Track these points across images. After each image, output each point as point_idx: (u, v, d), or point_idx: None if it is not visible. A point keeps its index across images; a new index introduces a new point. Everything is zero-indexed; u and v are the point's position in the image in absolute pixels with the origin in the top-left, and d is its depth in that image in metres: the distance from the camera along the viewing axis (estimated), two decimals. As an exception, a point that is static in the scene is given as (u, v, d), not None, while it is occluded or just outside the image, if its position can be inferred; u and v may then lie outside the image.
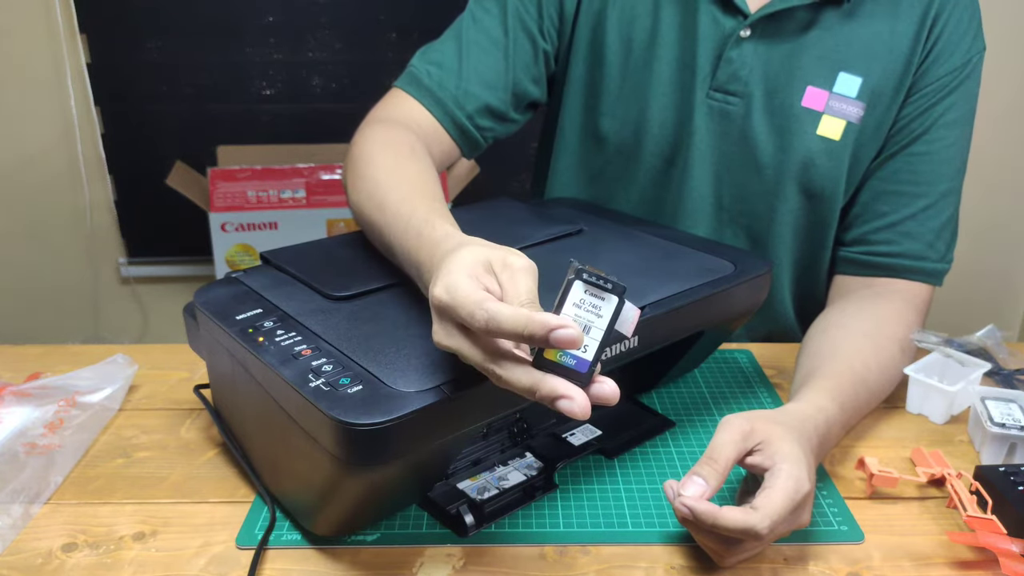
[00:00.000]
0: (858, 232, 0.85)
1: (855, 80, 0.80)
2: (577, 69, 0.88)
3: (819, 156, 0.82)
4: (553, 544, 0.57)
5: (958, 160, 0.82)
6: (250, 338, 0.55)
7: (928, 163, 0.81)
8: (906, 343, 0.75)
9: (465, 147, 0.85)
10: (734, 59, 0.81)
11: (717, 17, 0.81)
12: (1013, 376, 0.80)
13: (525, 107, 0.89)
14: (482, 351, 0.44)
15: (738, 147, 0.84)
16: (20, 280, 2.07)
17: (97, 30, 1.84)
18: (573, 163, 0.93)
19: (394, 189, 0.65)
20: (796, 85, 0.81)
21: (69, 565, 0.55)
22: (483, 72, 0.83)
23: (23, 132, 1.92)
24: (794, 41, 0.80)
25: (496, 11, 0.85)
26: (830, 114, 0.81)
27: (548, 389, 0.42)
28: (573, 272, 0.43)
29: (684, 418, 0.72)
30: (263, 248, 1.24)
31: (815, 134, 0.81)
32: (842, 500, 0.62)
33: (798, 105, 0.81)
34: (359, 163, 0.71)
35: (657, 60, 0.84)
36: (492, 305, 0.42)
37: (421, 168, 0.70)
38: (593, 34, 0.86)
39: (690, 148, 0.85)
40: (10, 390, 0.72)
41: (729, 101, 0.82)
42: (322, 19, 1.87)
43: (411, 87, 0.82)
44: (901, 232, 0.82)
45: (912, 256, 0.81)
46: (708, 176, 0.86)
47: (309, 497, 0.55)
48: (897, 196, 0.82)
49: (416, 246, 0.55)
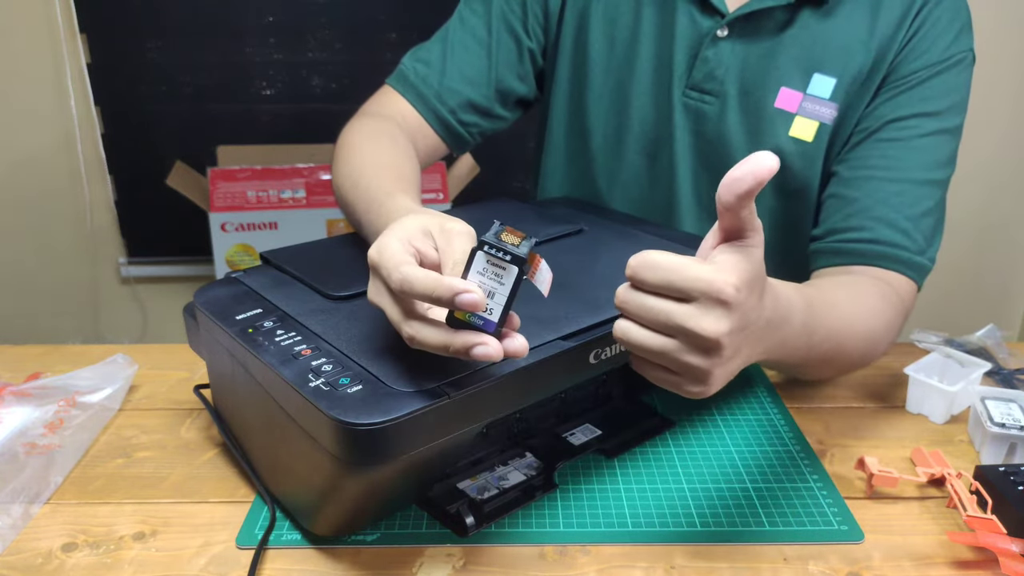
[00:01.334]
0: (830, 223, 0.80)
1: (829, 81, 0.79)
2: (563, 67, 0.89)
3: (792, 157, 0.81)
4: (553, 544, 0.57)
5: (936, 154, 0.77)
6: (250, 338, 0.55)
7: (899, 149, 0.77)
8: (887, 316, 0.70)
9: (450, 141, 0.88)
10: (710, 58, 0.81)
11: (695, 16, 0.81)
12: (1013, 376, 0.80)
13: (514, 104, 0.91)
14: (400, 310, 0.47)
15: (714, 146, 0.84)
16: (20, 280, 2.07)
17: (97, 30, 1.84)
18: (562, 161, 0.94)
19: (368, 171, 0.71)
20: (770, 86, 0.80)
21: (69, 565, 0.55)
22: (465, 69, 0.86)
23: (23, 132, 1.92)
24: (771, 41, 0.80)
25: (482, 11, 0.88)
26: (803, 115, 0.80)
27: (461, 342, 0.45)
28: (476, 242, 0.46)
29: (684, 418, 0.73)
30: (263, 248, 1.25)
31: (787, 135, 0.80)
32: (842, 500, 0.62)
33: (771, 106, 0.80)
34: (343, 151, 0.77)
35: (638, 58, 0.85)
36: (408, 268, 0.45)
37: (397, 153, 0.76)
38: (578, 32, 0.87)
39: (671, 146, 0.85)
40: (10, 390, 0.72)
41: (705, 100, 0.82)
42: (322, 19, 1.87)
43: (398, 84, 0.86)
44: (873, 217, 0.76)
45: (887, 243, 0.75)
46: (688, 174, 0.86)
47: (309, 497, 0.55)
48: (867, 180, 0.77)
49: (376, 219, 0.62)
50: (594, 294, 0.60)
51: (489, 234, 0.45)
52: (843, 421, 0.74)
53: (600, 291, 0.61)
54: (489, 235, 0.45)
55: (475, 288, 0.44)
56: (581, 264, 0.67)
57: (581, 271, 0.65)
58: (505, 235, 0.45)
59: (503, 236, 0.45)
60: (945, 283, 0.80)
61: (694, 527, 0.59)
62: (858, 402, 0.77)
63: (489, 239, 0.45)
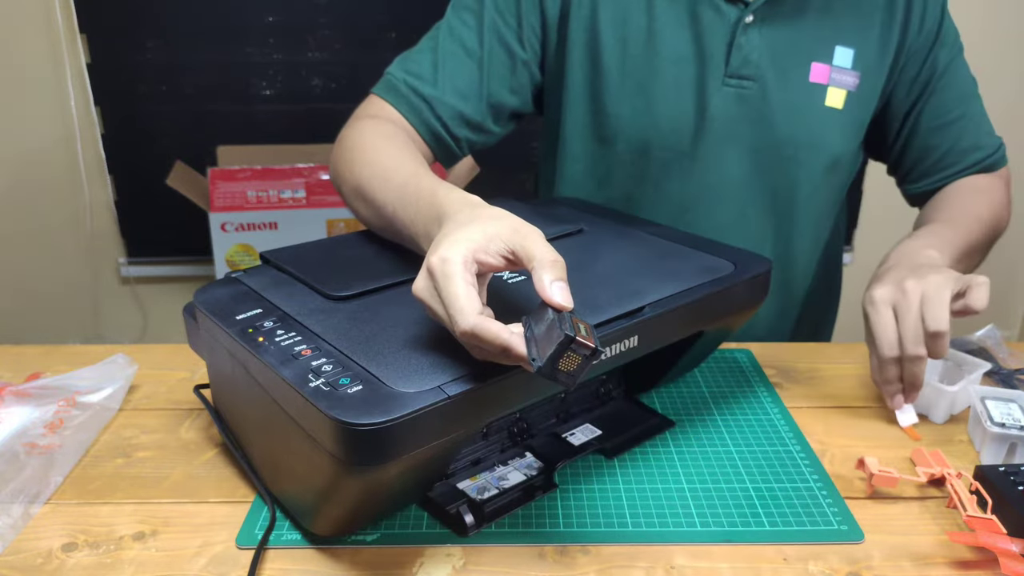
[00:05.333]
0: (921, 170, 0.93)
1: (848, 52, 0.86)
2: (575, 75, 0.88)
3: (829, 126, 0.87)
4: (553, 544, 0.57)
5: (969, 73, 0.91)
6: (250, 338, 0.55)
7: (952, 91, 0.89)
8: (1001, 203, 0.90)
9: (440, 153, 0.86)
10: (743, 45, 0.84)
11: (720, 7, 0.84)
12: (1013, 376, 0.80)
13: (507, 118, 0.90)
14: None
15: (756, 127, 0.87)
16: (20, 280, 2.08)
17: (97, 30, 1.84)
18: (581, 169, 0.93)
19: (399, 168, 0.68)
20: (802, 62, 0.86)
21: (69, 565, 0.55)
22: (457, 82, 0.84)
23: (23, 132, 1.92)
24: (793, 21, 0.85)
25: (472, 22, 0.85)
26: (833, 85, 0.86)
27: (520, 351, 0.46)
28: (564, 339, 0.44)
29: (684, 418, 0.73)
30: (263, 248, 1.25)
31: (824, 105, 0.86)
32: (842, 500, 0.62)
33: (807, 80, 0.86)
34: (357, 151, 0.74)
35: (658, 57, 0.84)
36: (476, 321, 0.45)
37: (417, 153, 0.75)
38: (588, 37, 0.86)
39: (708, 137, 0.87)
40: (10, 390, 0.72)
41: (744, 85, 0.85)
42: (322, 19, 1.87)
43: (388, 94, 0.84)
44: (960, 151, 0.90)
45: (977, 164, 0.90)
46: (736, 160, 0.88)
47: (309, 497, 0.55)
48: (942, 129, 0.90)
49: (422, 210, 0.59)
50: (593, 294, 0.60)
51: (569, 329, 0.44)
52: (843, 421, 0.74)
53: (600, 291, 0.61)
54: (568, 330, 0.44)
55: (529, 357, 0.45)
56: (581, 264, 0.67)
57: (581, 271, 0.65)
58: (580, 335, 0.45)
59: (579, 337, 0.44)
60: (945, 283, 0.84)
61: (694, 527, 0.59)
62: (858, 402, 0.77)
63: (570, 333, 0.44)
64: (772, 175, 0.89)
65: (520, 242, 0.48)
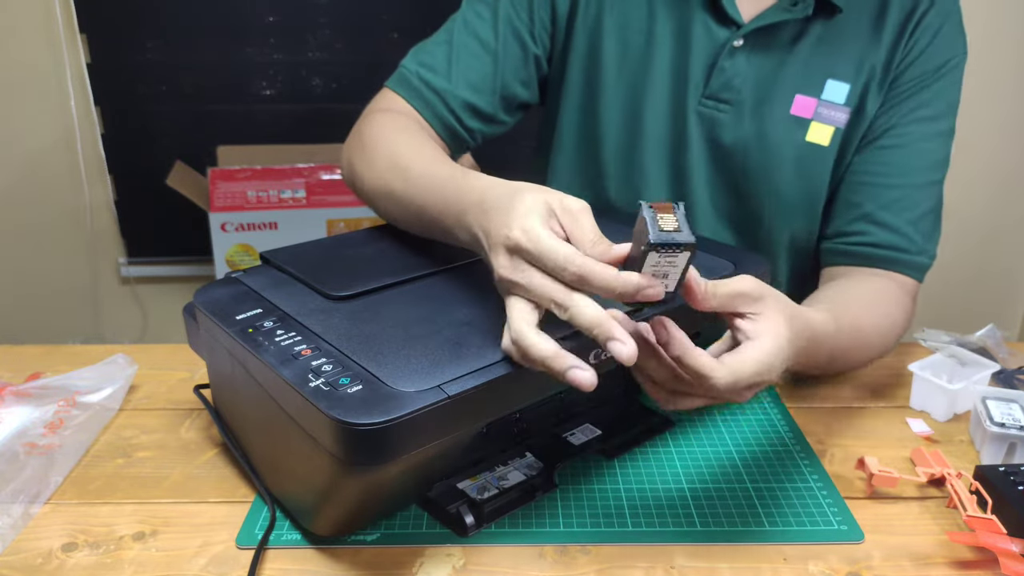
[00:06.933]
0: (836, 225, 0.85)
1: (843, 87, 0.81)
2: (575, 73, 0.89)
3: (807, 162, 0.83)
4: (553, 544, 0.57)
5: (934, 156, 0.82)
6: (250, 338, 0.55)
7: (899, 155, 0.81)
8: (897, 320, 0.77)
9: (452, 145, 0.87)
10: (727, 68, 0.82)
11: (711, 26, 0.82)
12: (1013, 376, 0.80)
13: (516, 108, 0.90)
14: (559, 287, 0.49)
15: (728, 153, 0.84)
16: (20, 280, 2.07)
17: (97, 30, 1.84)
18: (570, 165, 0.93)
19: (419, 158, 0.69)
20: (785, 93, 0.82)
21: (69, 565, 0.55)
22: (471, 75, 0.85)
23: (23, 132, 1.92)
24: (785, 50, 0.82)
25: (488, 16, 0.86)
26: (819, 121, 0.82)
27: (607, 330, 0.47)
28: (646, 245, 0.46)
29: (684, 418, 0.72)
30: (263, 248, 1.24)
31: (804, 141, 0.82)
32: (842, 500, 0.62)
33: (786, 113, 0.82)
34: (375, 143, 0.75)
35: (653, 66, 0.85)
36: (583, 262, 0.47)
37: (435, 145, 0.76)
38: (591, 39, 0.87)
39: (686, 153, 0.86)
40: (10, 390, 0.72)
41: (720, 108, 0.83)
42: (322, 19, 1.86)
43: (401, 88, 0.84)
44: (875, 222, 0.82)
45: (888, 247, 0.81)
46: (703, 180, 0.87)
47: (309, 497, 0.55)
48: (869, 187, 0.82)
49: (451, 198, 0.59)
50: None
51: (652, 231, 0.45)
52: (843, 421, 0.74)
53: (600, 291, 0.61)
54: (653, 232, 0.45)
55: (655, 282, 0.48)
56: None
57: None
58: (661, 219, 0.46)
59: (661, 223, 0.46)
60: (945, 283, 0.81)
61: (694, 527, 0.59)
62: (858, 402, 0.77)
63: (657, 240, 0.45)
64: (743, 202, 0.86)
65: (571, 220, 0.51)
